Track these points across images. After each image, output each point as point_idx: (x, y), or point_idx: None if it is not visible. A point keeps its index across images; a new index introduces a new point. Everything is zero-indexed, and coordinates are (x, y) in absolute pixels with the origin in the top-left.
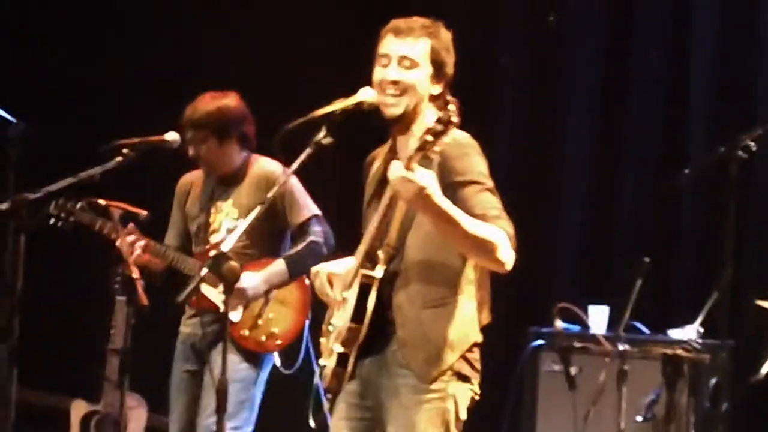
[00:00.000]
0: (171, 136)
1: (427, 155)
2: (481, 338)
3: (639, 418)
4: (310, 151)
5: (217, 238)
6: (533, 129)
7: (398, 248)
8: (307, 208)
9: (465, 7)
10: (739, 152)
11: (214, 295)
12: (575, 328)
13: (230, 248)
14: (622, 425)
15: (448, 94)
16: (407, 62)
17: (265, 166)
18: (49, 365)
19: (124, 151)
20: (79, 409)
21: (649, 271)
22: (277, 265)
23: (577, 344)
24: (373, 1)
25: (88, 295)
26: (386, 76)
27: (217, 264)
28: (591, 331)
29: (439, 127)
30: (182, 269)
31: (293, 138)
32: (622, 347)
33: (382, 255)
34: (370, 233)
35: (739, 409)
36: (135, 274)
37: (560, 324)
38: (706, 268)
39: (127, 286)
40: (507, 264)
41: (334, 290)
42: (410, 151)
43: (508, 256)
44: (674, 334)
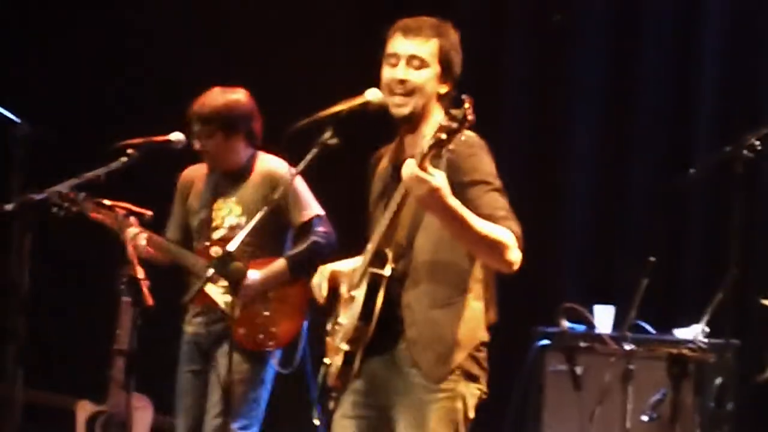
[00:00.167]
0: (175, 136)
1: (439, 154)
2: (488, 337)
3: (644, 418)
4: (316, 151)
5: (219, 234)
6: (539, 129)
7: (407, 247)
8: (311, 208)
9: (470, 7)
10: (745, 151)
11: (215, 293)
12: (581, 328)
13: (236, 248)
14: (627, 425)
15: (455, 93)
16: (416, 62)
17: (270, 164)
18: (55, 366)
19: (129, 152)
20: (84, 410)
21: (654, 270)
22: (279, 264)
23: (583, 344)
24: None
25: (94, 296)
26: (395, 75)
27: (223, 264)
28: (596, 331)
29: (454, 124)
30: (184, 264)
31: (300, 138)
32: (627, 347)
33: (390, 254)
34: (379, 232)
35: (745, 409)
36: (140, 275)
37: (566, 324)
38: (712, 268)
39: (132, 286)
40: (514, 265)
41: (342, 288)
42: (424, 150)
43: (516, 257)
44: (680, 333)
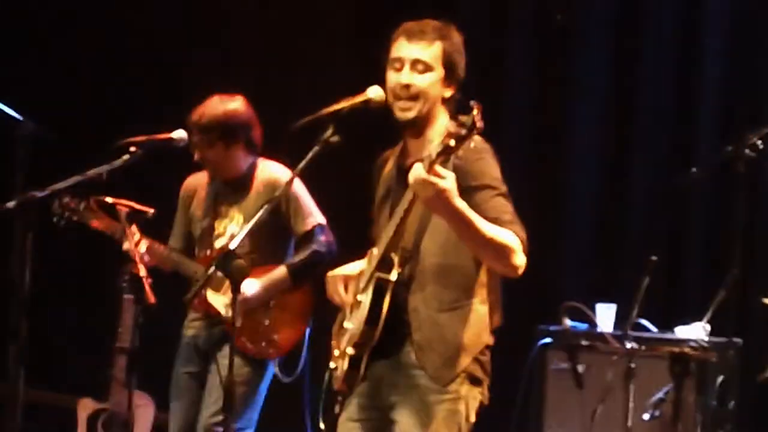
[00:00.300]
0: (178, 134)
1: (447, 159)
2: (492, 340)
3: (646, 416)
4: (317, 149)
5: (221, 243)
6: (539, 129)
7: (413, 252)
8: (313, 216)
9: (471, 7)
10: (747, 150)
11: (218, 302)
12: (583, 327)
13: (236, 246)
14: (629, 423)
15: (459, 96)
16: (420, 66)
17: (271, 172)
18: (57, 364)
19: (131, 150)
20: (86, 408)
21: (656, 269)
22: (280, 272)
23: (585, 342)
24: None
25: (97, 294)
26: (400, 80)
27: (225, 262)
28: (598, 330)
29: (463, 131)
30: (185, 273)
31: (301, 136)
32: (629, 345)
33: (396, 258)
34: (386, 237)
35: (746, 408)
36: (142, 273)
37: (568, 322)
38: (713, 267)
39: (134, 284)
40: (519, 269)
41: (348, 293)
42: (432, 156)
43: (521, 261)
44: (682, 332)
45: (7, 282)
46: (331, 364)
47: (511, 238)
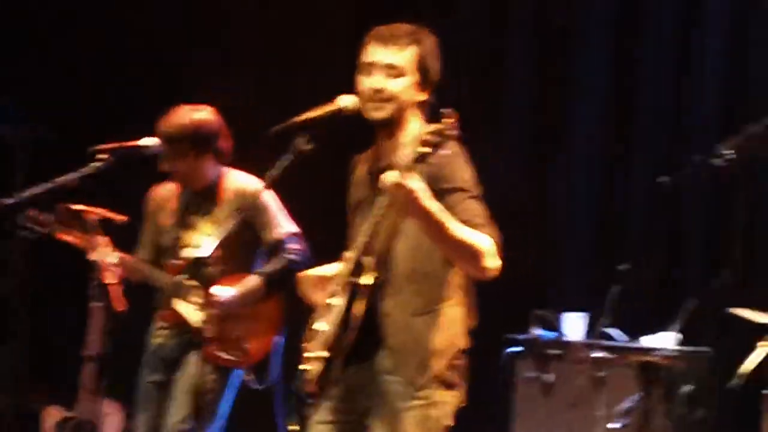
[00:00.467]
0: (148, 141)
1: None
2: (466, 344)
3: (615, 425)
4: (290, 158)
5: (189, 254)
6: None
7: (386, 256)
8: (284, 226)
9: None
10: (717, 161)
11: (188, 311)
12: (552, 335)
13: (207, 256)
14: (597, 431)
15: (434, 100)
16: (393, 71)
17: (241, 181)
18: (23, 372)
19: (102, 157)
20: (51, 416)
21: (626, 277)
22: (254, 281)
23: (554, 351)
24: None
25: (65, 300)
26: (371, 85)
27: (195, 270)
28: (567, 338)
29: (437, 139)
30: (155, 283)
31: (275, 143)
32: (597, 354)
33: (370, 263)
34: (360, 241)
35: (716, 416)
36: (111, 280)
37: (537, 330)
38: (684, 275)
39: (103, 292)
40: (492, 271)
41: (321, 296)
42: (407, 163)
43: (493, 264)
44: (650, 341)
45: None
46: (302, 366)
47: (483, 241)
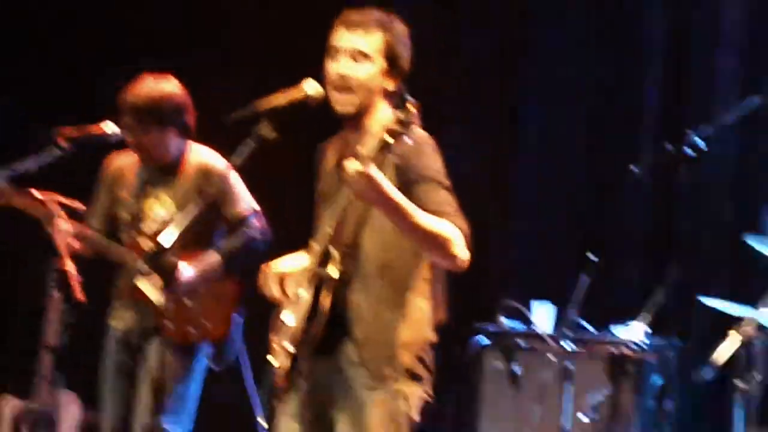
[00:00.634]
0: (109, 127)
1: (384, 155)
2: (434, 337)
3: (583, 417)
4: (252, 144)
5: (150, 228)
6: (487, 132)
7: (354, 248)
8: (246, 203)
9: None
10: (687, 150)
11: (149, 289)
12: (520, 326)
13: (171, 244)
14: (566, 424)
15: (404, 90)
16: (359, 56)
17: (203, 156)
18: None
19: (61, 143)
20: (10, 407)
21: (596, 270)
22: (213, 259)
23: (522, 342)
24: None
25: (23, 289)
26: (337, 70)
27: (156, 259)
28: (535, 330)
29: (399, 127)
30: (111, 258)
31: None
32: (566, 346)
33: (337, 254)
34: (326, 232)
35: (684, 408)
36: (71, 269)
37: (505, 322)
38: (653, 266)
39: (62, 281)
40: (461, 260)
41: (288, 288)
42: (370, 152)
43: (462, 253)
44: (619, 332)
45: None
46: (271, 359)
47: (451, 230)
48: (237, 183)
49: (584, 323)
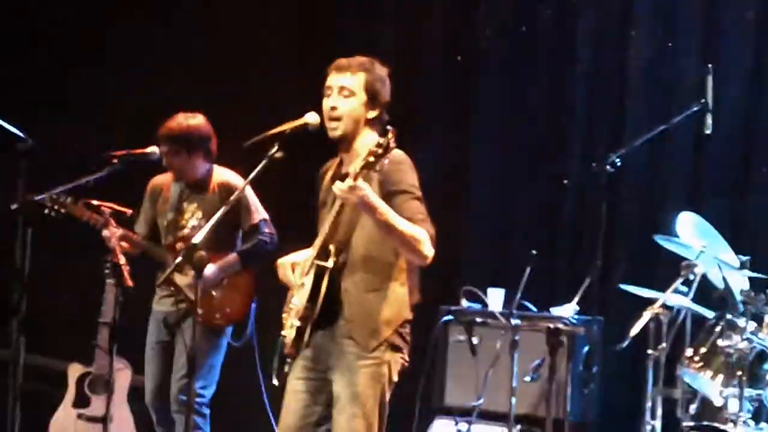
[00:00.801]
0: (152, 149)
1: (369, 172)
2: (411, 316)
3: (527, 378)
4: (264, 163)
5: (184, 233)
6: (448, 140)
7: (346, 244)
8: (258, 213)
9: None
10: (608, 167)
11: (183, 282)
12: (477, 307)
13: (200, 241)
14: (514, 384)
15: (386, 118)
16: (345, 92)
17: (225, 176)
18: (51, 335)
19: (113, 162)
20: (75, 371)
21: (536, 261)
22: (232, 257)
23: (479, 319)
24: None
25: (85, 278)
26: (328, 103)
27: (190, 254)
28: (490, 309)
29: (380, 150)
30: (154, 257)
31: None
32: (514, 322)
33: (333, 249)
34: (324, 232)
35: (607, 371)
36: (122, 261)
37: (465, 303)
38: (582, 259)
39: (114, 270)
40: (427, 258)
41: (295, 276)
42: (356, 169)
43: (429, 252)
44: (555, 311)
45: (11, 267)
46: (283, 333)
47: (421, 233)
48: (252, 197)
49: (528, 304)
